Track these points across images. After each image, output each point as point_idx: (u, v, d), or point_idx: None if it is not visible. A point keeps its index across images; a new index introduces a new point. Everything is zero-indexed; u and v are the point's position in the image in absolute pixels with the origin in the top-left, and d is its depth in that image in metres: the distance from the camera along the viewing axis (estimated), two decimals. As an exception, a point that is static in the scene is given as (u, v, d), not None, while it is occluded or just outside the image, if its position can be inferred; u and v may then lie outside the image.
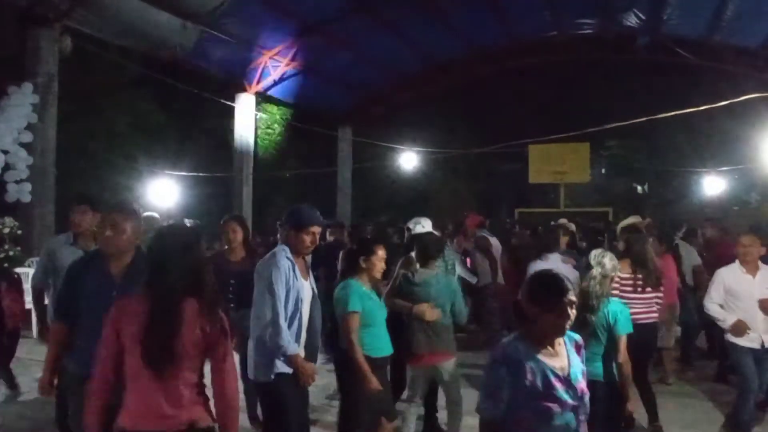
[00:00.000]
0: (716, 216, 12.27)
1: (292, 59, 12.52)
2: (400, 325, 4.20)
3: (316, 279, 4.02)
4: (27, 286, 7.78)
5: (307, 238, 3.46)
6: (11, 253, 8.19)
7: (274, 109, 15.68)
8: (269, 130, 16.03)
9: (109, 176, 14.11)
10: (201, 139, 16.46)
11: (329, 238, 7.83)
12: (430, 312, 4.07)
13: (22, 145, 8.49)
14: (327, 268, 6.56)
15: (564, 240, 6.48)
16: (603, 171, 25.78)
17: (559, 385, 2.22)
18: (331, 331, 4.03)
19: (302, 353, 3.42)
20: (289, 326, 3.33)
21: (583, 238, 9.62)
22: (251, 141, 13.32)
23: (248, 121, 13.21)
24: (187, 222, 10.65)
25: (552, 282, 2.30)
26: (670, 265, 5.91)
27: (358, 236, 7.29)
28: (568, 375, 2.27)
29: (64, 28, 8.93)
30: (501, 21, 12.65)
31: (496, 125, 20.64)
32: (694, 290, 6.47)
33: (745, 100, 10.98)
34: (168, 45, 10.51)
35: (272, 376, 3.31)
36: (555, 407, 2.20)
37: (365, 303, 3.82)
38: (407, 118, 19.81)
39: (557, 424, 2.21)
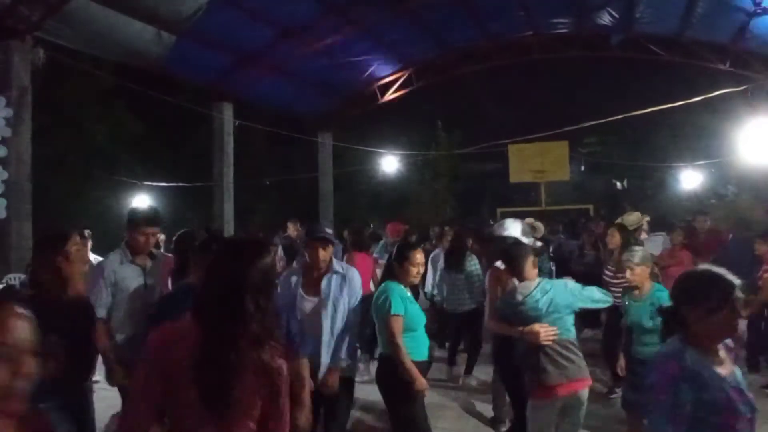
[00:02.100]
0: (695, 209, 12.46)
1: (269, 65, 12.46)
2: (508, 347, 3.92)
3: None
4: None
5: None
6: (-12, 270, 8.03)
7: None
8: None
9: (87, 189, 13.96)
10: (179, 148, 16.34)
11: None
12: (543, 332, 3.49)
13: (-3, 159, 8.34)
14: None
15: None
16: (582, 168, 26.04)
17: (736, 397, 1.95)
18: (371, 337, 3.95)
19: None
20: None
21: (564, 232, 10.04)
22: (230, 149, 13.22)
23: (227, 128, 13.11)
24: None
25: (717, 278, 2.05)
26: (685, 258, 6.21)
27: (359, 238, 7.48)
28: (738, 383, 2.01)
29: (36, 39, 8.80)
30: (476, 21, 12.72)
31: (475, 126, 20.77)
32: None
33: (722, 94, 11.18)
34: (143, 54, 10.41)
35: None
36: (736, 423, 1.92)
37: (407, 306, 3.74)
38: (387, 120, 19.86)
39: None
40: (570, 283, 3.77)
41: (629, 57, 13.62)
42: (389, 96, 15.38)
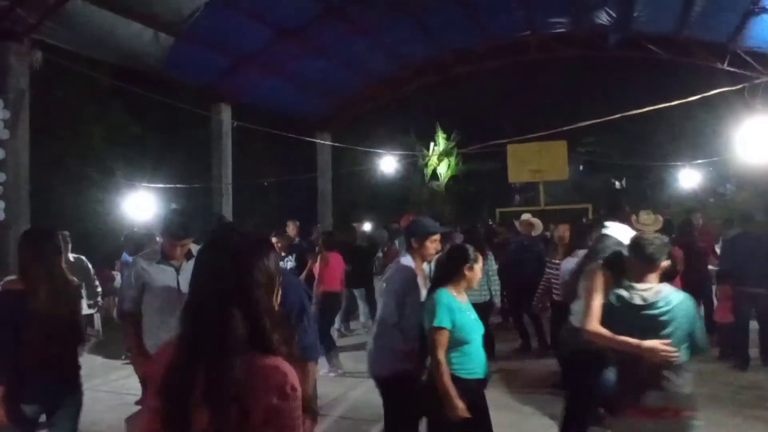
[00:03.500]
0: (695, 208, 12.49)
1: (268, 66, 12.46)
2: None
3: None
4: None
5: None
6: (-14, 272, 8.03)
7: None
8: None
9: (85, 190, 13.95)
10: (178, 150, 16.33)
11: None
12: (665, 349, 2.89)
13: (-6, 162, 8.34)
14: None
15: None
16: (581, 168, 26.07)
17: None
18: (422, 348, 3.64)
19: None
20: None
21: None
22: (229, 150, 13.22)
23: (225, 129, 13.11)
24: None
25: None
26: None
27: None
28: None
29: (34, 41, 8.79)
30: (474, 21, 12.72)
31: (474, 125, 20.78)
32: None
33: (719, 93, 11.18)
34: (141, 56, 10.40)
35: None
36: None
37: (456, 317, 3.40)
38: (386, 121, 19.88)
39: None
40: (689, 300, 3.10)
41: (627, 56, 13.63)
42: (388, 96, 15.39)
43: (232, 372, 1.49)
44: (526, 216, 9.46)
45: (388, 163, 16.45)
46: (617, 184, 25.62)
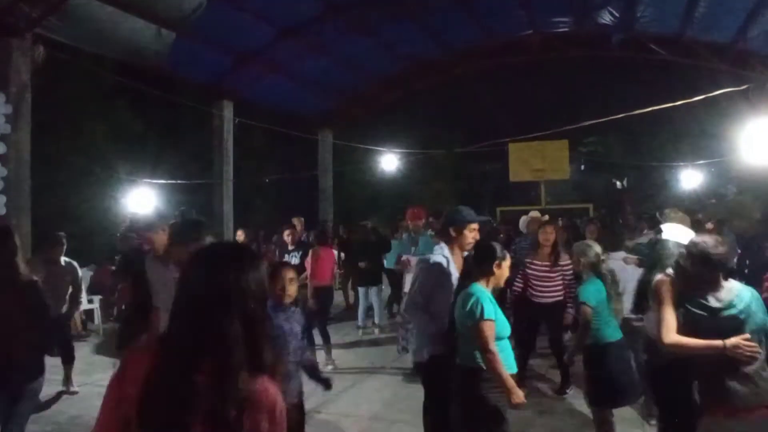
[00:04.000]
0: (692, 208, 12.47)
1: (270, 63, 12.45)
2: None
3: None
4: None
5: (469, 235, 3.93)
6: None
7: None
8: None
9: (87, 186, 13.95)
10: (179, 146, 16.34)
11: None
12: (751, 346, 2.81)
13: (-4, 156, 8.34)
14: None
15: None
16: (582, 167, 26.04)
17: None
18: (453, 347, 3.57)
19: None
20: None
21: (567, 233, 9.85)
22: (230, 147, 13.22)
23: (227, 126, 13.11)
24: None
25: None
26: None
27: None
28: None
29: (36, 36, 8.79)
30: (476, 20, 12.70)
31: (476, 125, 20.74)
32: None
33: (723, 94, 11.14)
34: (143, 52, 10.40)
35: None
36: None
37: (497, 311, 3.43)
38: (388, 119, 19.87)
39: None
40: (757, 293, 3.05)
41: (630, 56, 13.60)
42: (389, 95, 15.36)
43: (237, 395, 1.43)
44: (535, 213, 8.84)
45: (389, 161, 16.42)
46: (618, 183, 25.59)
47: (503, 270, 3.60)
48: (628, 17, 11.81)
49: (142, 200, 11.63)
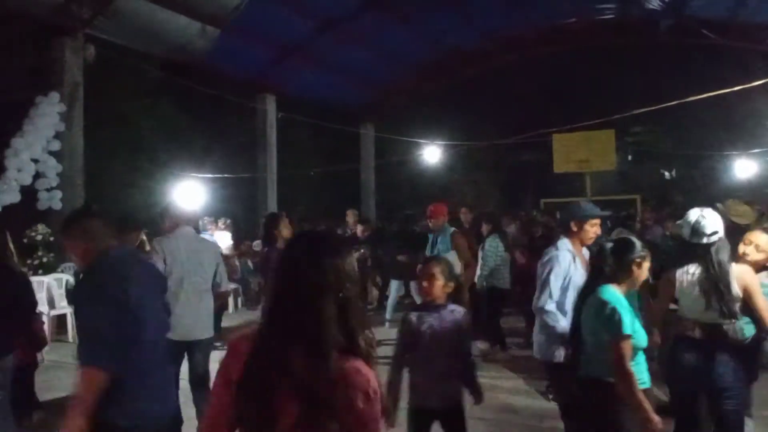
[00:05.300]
0: (746, 199, 11.98)
1: (312, 57, 12.55)
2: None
3: None
4: (61, 291, 7.95)
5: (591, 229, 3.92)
6: (44, 259, 8.40)
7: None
8: None
9: (136, 180, 14.36)
10: (224, 140, 16.64)
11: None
12: None
13: (51, 153, 8.67)
14: None
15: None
16: (629, 158, 25.37)
17: None
18: (574, 356, 3.26)
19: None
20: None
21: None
22: (274, 141, 13.41)
23: (270, 120, 13.29)
24: (220, 223, 10.78)
25: None
26: None
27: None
28: None
29: (87, 36, 9.09)
30: (519, 9, 12.51)
31: (518, 115, 20.46)
32: None
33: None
34: (188, 49, 10.63)
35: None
36: None
37: (634, 322, 2.98)
38: (429, 111, 19.76)
39: None
40: None
41: (679, 42, 13.17)
42: (430, 85, 15.28)
43: (328, 373, 1.49)
44: (585, 202, 8.41)
45: (431, 153, 16.35)
46: (666, 174, 24.83)
47: (643, 270, 3.11)
48: (677, 1, 11.43)
49: (188, 193, 11.92)
